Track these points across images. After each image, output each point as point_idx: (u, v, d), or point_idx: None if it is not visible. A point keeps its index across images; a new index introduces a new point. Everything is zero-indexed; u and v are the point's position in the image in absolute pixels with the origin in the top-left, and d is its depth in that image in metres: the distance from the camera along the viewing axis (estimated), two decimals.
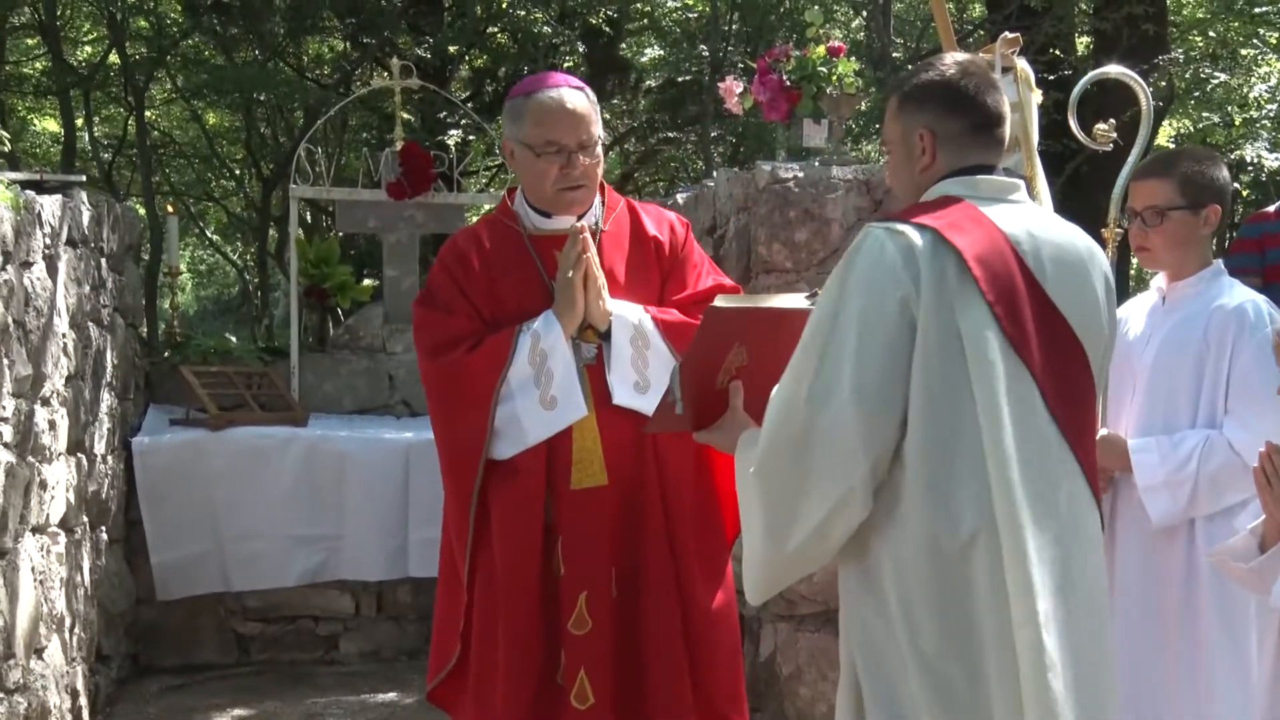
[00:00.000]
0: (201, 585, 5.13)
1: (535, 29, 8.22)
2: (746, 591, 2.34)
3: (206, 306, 18.99)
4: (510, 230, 3.13)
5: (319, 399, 5.86)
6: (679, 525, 3.05)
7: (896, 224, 2.18)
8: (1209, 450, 2.94)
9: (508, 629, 2.99)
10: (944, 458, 2.11)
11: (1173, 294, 3.13)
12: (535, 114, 3.02)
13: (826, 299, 2.17)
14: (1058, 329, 2.20)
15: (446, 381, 3.05)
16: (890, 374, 2.10)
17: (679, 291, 3.13)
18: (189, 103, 10.16)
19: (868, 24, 10.23)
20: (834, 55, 4.37)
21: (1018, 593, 2.08)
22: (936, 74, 2.30)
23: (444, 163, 6.08)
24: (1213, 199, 3.07)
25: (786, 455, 2.13)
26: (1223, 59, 9.87)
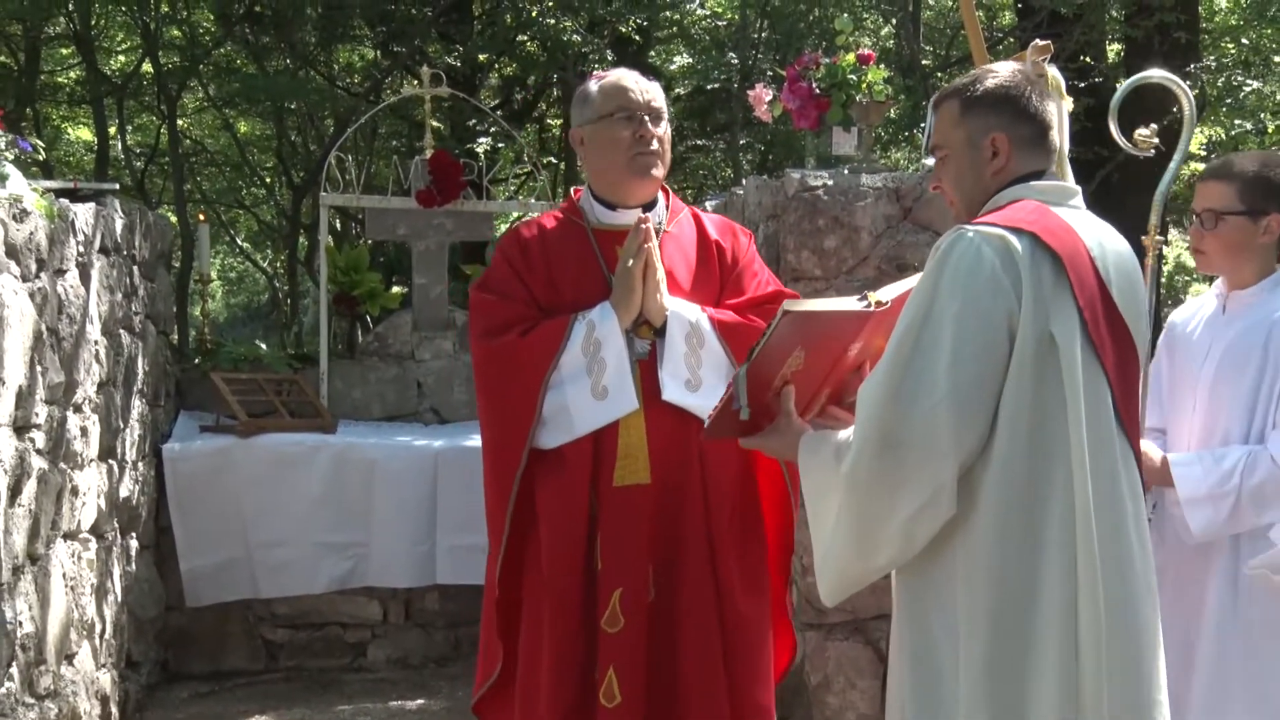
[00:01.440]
0: (230, 592, 5.14)
1: (565, 37, 8.23)
2: (821, 591, 2.34)
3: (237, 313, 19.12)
4: (574, 224, 3.14)
5: (348, 406, 5.87)
6: (720, 529, 3.02)
7: (987, 227, 2.20)
8: (1251, 465, 2.88)
9: (552, 624, 2.98)
10: (1031, 464, 2.15)
11: (1233, 302, 3.06)
12: (603, 90, 3.08)
13: (917, 301, 2.19)
14: (1121, 333, 2.26)
15: (497, 365, 3.04)
16: (985, 378, 2.13)
17: (738, 296, 3.12)
18: (221, 111, 10.24)
19: (897, 31, 10.19)
20: (863, 63, 4.35)
21: (1086, 571, 2.13)
22: (1005, 80, 2.35)
23: (473, 170, 6.08)
24: (1275, 207, 2.97)
25: (878, 453, 2.16)
26: (1255, 66, 9.78)
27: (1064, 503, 2.15)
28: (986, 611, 2.15)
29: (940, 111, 2.39)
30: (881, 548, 2.20)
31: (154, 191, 11.70)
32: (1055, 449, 2.15)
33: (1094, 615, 2.13)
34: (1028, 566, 2.15)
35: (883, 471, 2.15)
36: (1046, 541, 2.15)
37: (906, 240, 4.26)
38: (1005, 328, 2.14)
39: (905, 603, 2.30)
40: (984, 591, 2.16)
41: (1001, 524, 2.15)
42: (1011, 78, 2.35)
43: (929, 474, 2.13)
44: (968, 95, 2.35)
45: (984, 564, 2.16)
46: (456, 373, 5.96)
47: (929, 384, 2.12)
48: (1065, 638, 2.13)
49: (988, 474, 2.15)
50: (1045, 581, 2.14)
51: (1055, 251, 2.18)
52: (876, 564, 2.25)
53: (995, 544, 2.15)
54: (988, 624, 2.15)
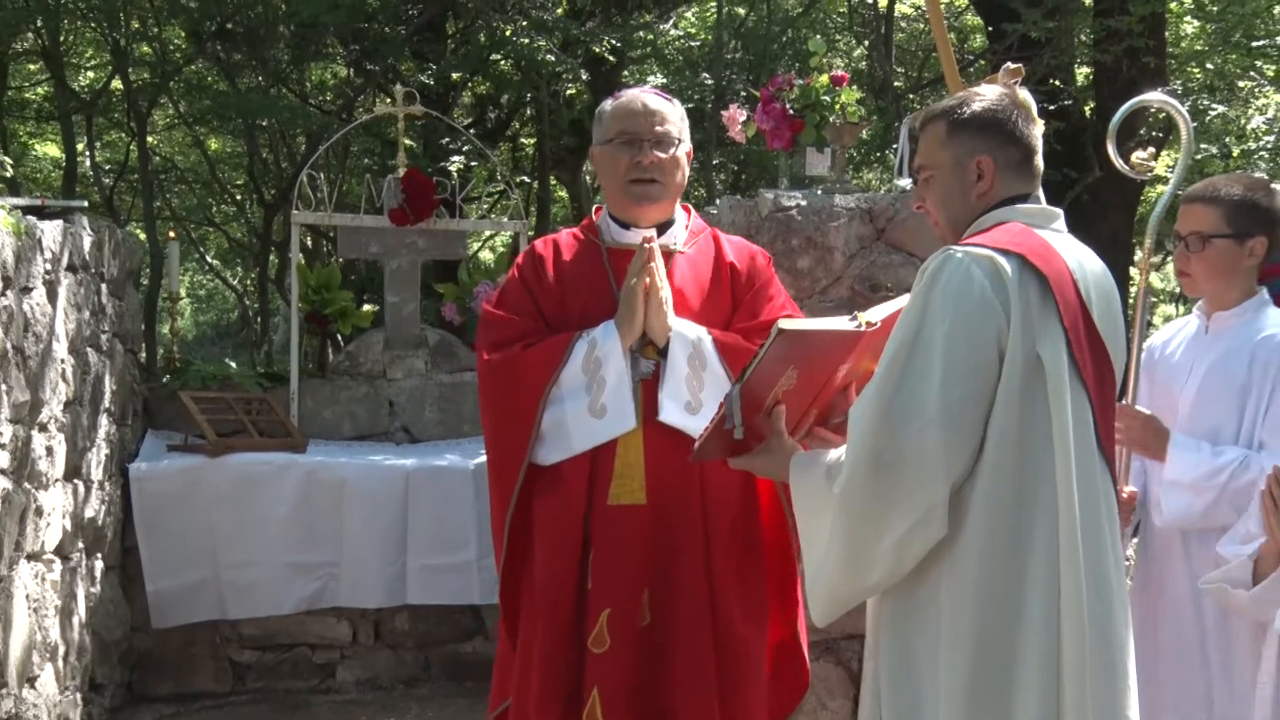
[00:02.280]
0: (197, 613, 5.08)
1: (538, 57, 8.23)
2: (812, 611, 2.34)
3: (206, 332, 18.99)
4: (589, 242, 3.15)
5: (318, 425, 5.82)
6: (719, 554, 3.00)
7: (976, 248, 2.21)
8: (1242, 468, 2.91)
9: (542, 641, 2.97)
10: (1018, 485, 2.16)
11: (1215, 323, 3.09)
12: (613, 111, 3.11)
13: (907, 321, 2.20)
14: (1100, 354, 2.28)
15: (499, 378, 3.04)
16: (975, 398, 2.14)
17: (749, 319, 3.11)
18: (191, 128, 10.19)
19: (870, 53, 10.26)
20: (837, 84, 4.37)
21: (1071, 600, 2.14)
22: (993, 104, 2.36)
23: (446, 189, 6.07)
24: (1261, 230, 3.00)
25: (870, 473, 2.16)
26: (1221, 91, 9.90)
27: (1049, 525, 2.15)
28: (970, 634, 2.15)
29: (926, 132, 2.40)
30: (873, 567, 2.20)
31: (123, 209, 11.61)
32: (1041, 470, 2.16)
33: (1078, 638, 2.13)
34: (1013, 589, 2.15)
35: (875, 491, 2.15)
36: (1031, 564, 2.15)
37: (880, 261, 4.27)
38: (995, 348, 2.15)
39: (886, 624, 2.29)
40: (968, 614, 2.15)
41: (987, 546, 2.16)
42: (998, 101, 2.37)
43: (921, 494, 2.13)
44: (955, 117, 2.36)
45: (969, 586, 2.16)
46: (428, 392, 5.93)
47: (920, 404, 2.12)
48: (1048, 660, 2.14)
49: (975, 495, 2.16)
50: (1029, 604, 2.15)
51: (1042, 273, 2.20)
52: (868, 584, 2.24)
53: (980, 566, 2.15)
54: (971, 647, 2.15)
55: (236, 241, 12.83)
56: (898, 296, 2.49)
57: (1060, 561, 2.14)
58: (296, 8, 7.98)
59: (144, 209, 8.90)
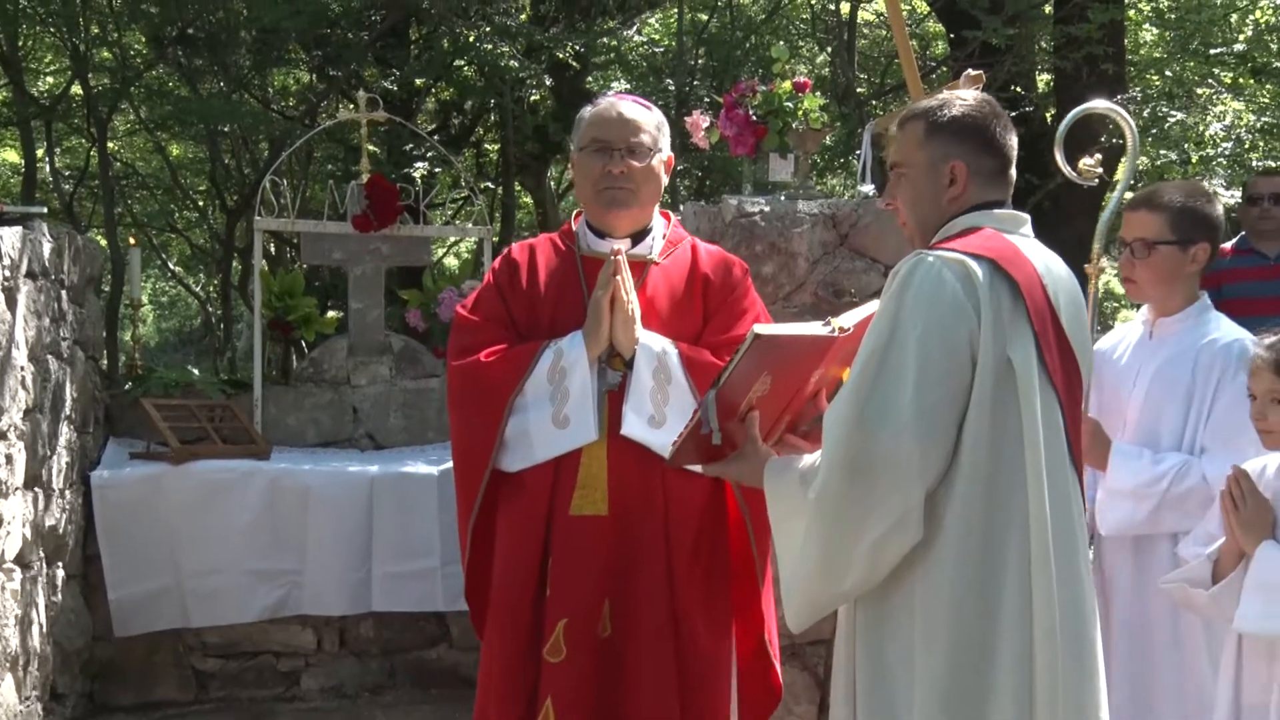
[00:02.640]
0: (160, 621, 5.05)
1: (502, 63, 8.24)
2: (788, 617, 2.34)
3: (168, 339, 18.85)
4: (565, 250, 3.15)
5: (282, 432, 5.80)
6: (681, 566, 2.99)
7: (947, 253, 2.22)
8: (1184, 473, 2.97)
9: (499, 649, 2.98)
10: (991, 490, 2.17)
11: (1160, 329, 3.14)
12: (589, 119, 3.11)
13: (880, 325, 2.20)
14: (1069, 359, 2.30)
15: (466, 383, 3.04)
16: (949, 401, 2.15)
17: (721, 333, 3.09)
18: (152, 134, 10.11)
19: (832, 60, 10.33)
20: (799, 90, 4.40)
21: (1044, 604, 2.15)
22: (972, 110, 2.36)
23: (410, 195, 6.06)
24: (1203, 237, 3.07)
25: (845, 478, 2.16)
26: (1179, 98, 10.03)
27: (1021, 529, 2.17)
28: (946, 638, 2.16)
29: (905, 130, 2.41)
30: (848, 572, 2.20)
31: (83, 215, 11.51)
32: (1013, 474, 2.17)
33: (1050, 640, 2.15)
34: (987, 593, 2.16)
35: (850, 496, 2.15)
36: (1005, 568, 2.16)
37: (843, 266, 4.31)
38: (968, 351, 2.16)
39: (859, 630, 2.29)
40: (943, 618, 2.16)
41: (962, 550, 2.16)
42: (979, 108, 2.37)
43: (896, 498, 2.13)
44: (933, 119, 2.36)
45: (944, 590, 2.17)
46: (393, 398, 5.92)
47: (895, 408, 2.13)
48: (1021, 664, 2.15)
49: (948, 499, 2.17)
50: (1004, 608, 2.16)
51: (1013, 277, 2.21)
52: (843, 589, 2.24)
53: (955, 570, 2.16)
54: (946, 651, 2.16)
55: (199, 248, 12.73)
56: (869, 302, 2.49)
57: (1032, 565, 2.16)
58: (258, 13, 7.95)
59: (105, 215, 8.84)
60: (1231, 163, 9.92)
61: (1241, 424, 2.87)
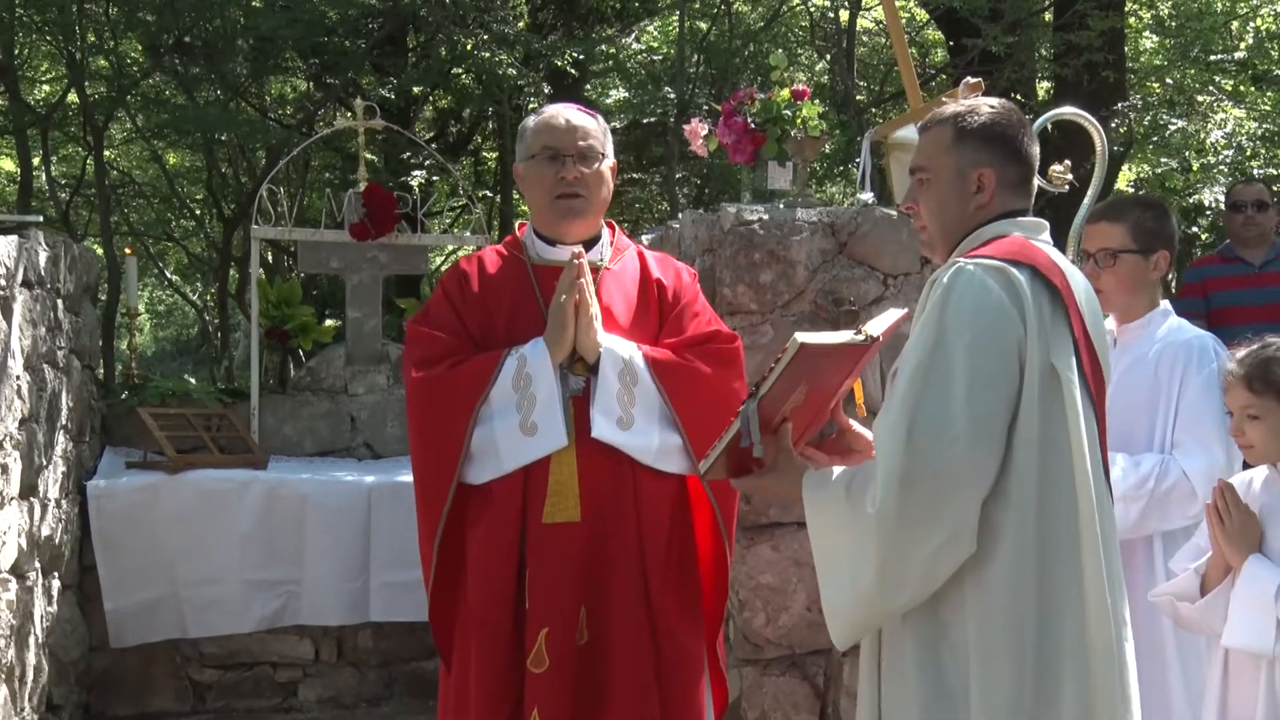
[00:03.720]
0: (157, 632, 5.05)
1: (500, 71, 8.26)
2: (834, 634, 2.30)
3: (165, 348, 18.86)
4: (515, 259, 3.16)
5: (279, 441, 5.81)
6: (655, 569, 3.01)
7: (989, 260, 2.22)
8: (1164, 472, 3.07)
9: (479, 662, 2.96)
10: (1041, 499, 2.17)
11: (1123, 336, 3.27)
12: (536, 127, 3.13)
13: (925, 336, 2.19)
14: (1095, 365, 2.31)
15: (426, 397, 3.04)
16: (1000, 408, 2.14)
17: (677, 335, 3.13)
18: (149, 142, 10.13)
19: (831, 67, 10.35)
20: (798, 98, 4.41)
21: (1097, 630, 2.16)
22: (1001, 118, 2.36)
23: (407, 204, 6.08)
24: (1162, 246, 3.23)
25: (901, 491, 2.13)
26: (1180, 105, 10.06)
27: (1071, 538, 2.17)
28: (1006, 652, 2.14)
29: (930, 134, 2.39)
30: (904, 586, 2.17)
31: (79, 224, 11.51)
32: (1061, 483, 2.18)
33: (1107, 658, 2.16)
34: (1044, 604, 2.16)
35: (906, 509, 2.13)
36: (1058, 578, 2.16)
37: (842, 274, 4.32)
38: (1016, 357, 2.16)
39: (912, 645, 2.24)
40: (1001, 632, 2.14)
41: (1018, 563, 2.15)
42: (1007, 116, 2.37)
43: (951, 510, 2.12)
44: (962, 125, 2.35)
45: (1000, 603, 2.15)
46: (390, 407, 5.93)
47: (947, 417, 2.12)
48: (1080, 674, 2.16)
49: (1002, 510, 2.15)
50: (1062, 619, 2.16)
51: (1053, 284, 2.22)
52: (898, 603, 2.21)
53: (1012, 585, 2.15)
54: (1008, 665, 2.14)
55: (196, 257, 12.74)
56: (891, 309, 2.48)
57: (1085, 577, 2.16)
58: (255, 21, 7.98)
59: (101, 224, 8.85)
60: (1233, 170, 9.95)
61: (1209, 415, 3.00)
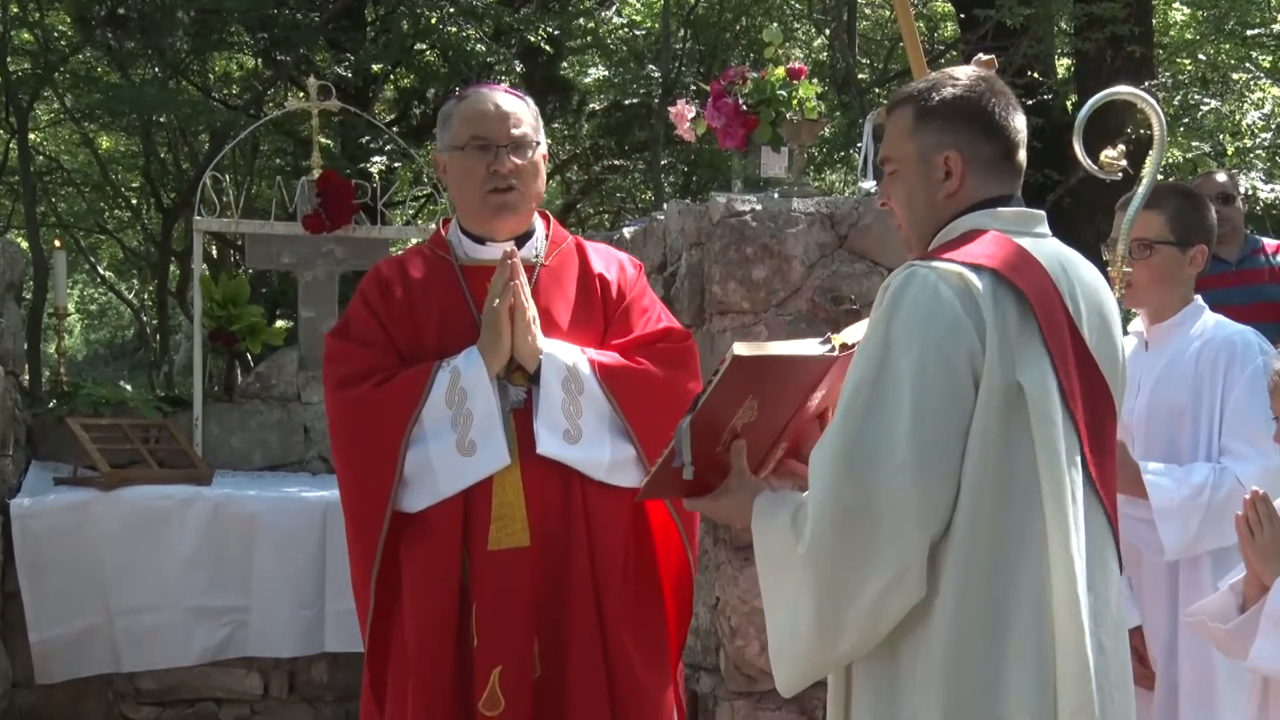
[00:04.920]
0: (88, 666, 5.04)
1: (467, 47, 8.28)
2: (778, 679, 2.26)
3: (98, 351, 18.81)
4: (441, 260, 3.12)
5: (225, 454, 5.80)
6: (611, 594, 2.99)
7: (943, 264, 2.13)
8: (1219, 481, 3.07)
9: (417, 709, 2.94)
10: (996, 542, 2.08)
11: (1156, 336, 3.28)
12: (462, 113, 3.09)
13: (868, 349, 2.12)
14: (1093, 378, 2.22)
15: (351, 419, 3.00)
16: (950, 437, 2.06)
17: (624, 335, 3.11)
18: (79, 125, 10.12)
19: (831, 43, 10.39)
20: (794, 77, 4.43)
21: (1074, 681, 2.06)
22: (965, 90, 2.26)
23: (366, 193, 6.08)
24: (1201, 239, 3.26)
25: (836, 527, 2.07)
26: (1213, 84, 10.12)
27: (1035, 592, 2.07)
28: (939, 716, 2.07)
29: (892, 118, 2.31)
30: (845, 633, 2.11)
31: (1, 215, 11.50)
32: (1026, 524, 2.08)
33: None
34: (987, 666, 2.07)
35: (841, 549, 2.07)
36: (1011, 636, 2.07)
37: (842, 270, 4.34)
38: (970, 376, 2.07)
39: (862, 699, 2.21)
40: (937, 697, 2.07)
41: (957, 615, 2.07)
42: (973, 86, 2.26)
43: (894, 550, 2.04)
44: (922, 104, 2.26)
45: (938, 663, 2.08)
46: None
47: (889, 446, 2.04)
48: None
49: (945, 553, 2.07)
50: (1008, 687, 2.06)
51: (1020, 290, 2.12)
52: (838, 653, 2.15)
53: (951, 638, 2.07)
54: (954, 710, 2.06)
55: (132, 251, 12.73)
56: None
57: (1055, 635, 2.06)
58: None
59: (25, 215, 8.84)
60: (1271, 154, 10.01)
61: (1259, 415, 2.95)
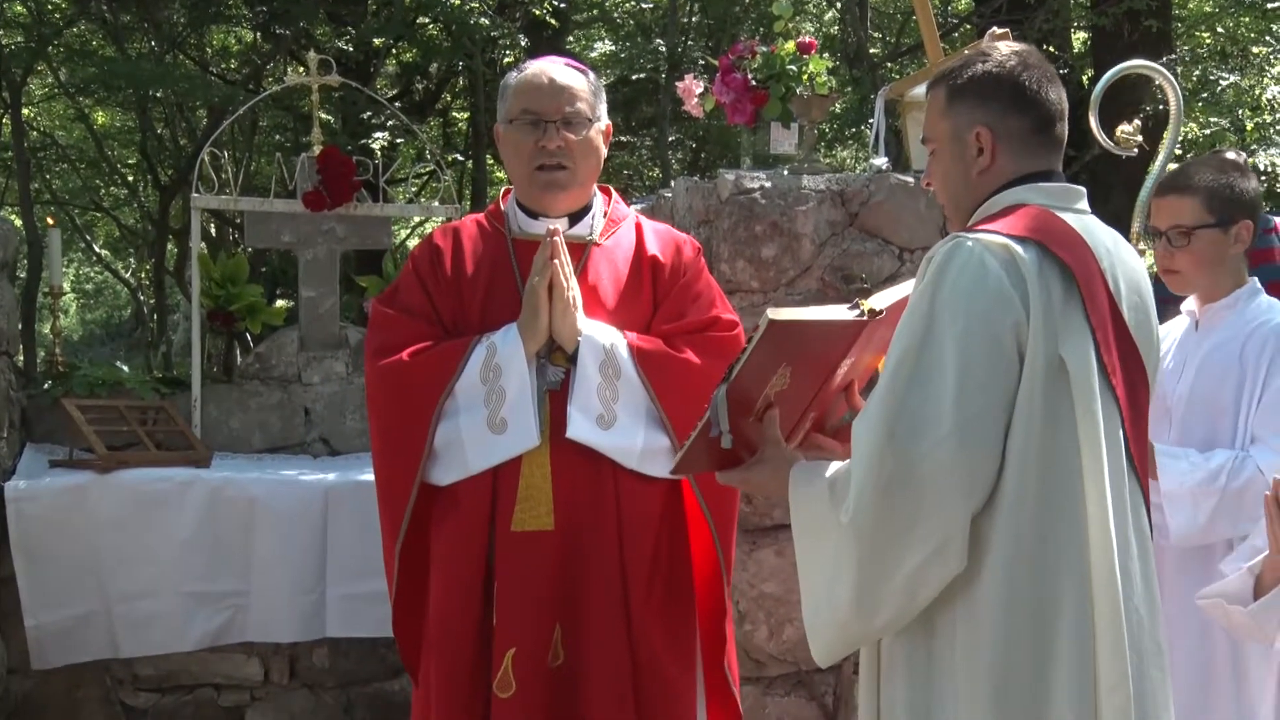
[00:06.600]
0: (85, 651, 5.04)
1: (471, 20, 8.24)
2: (814, 652, 2.29)
3: (94, 331, 18.85)
4: (495, 232, 3.13)
5: (224, 436, 5.80)
6: (638, 585, 2.99)
7: (989, 235, 2.16)
8: (1238, 468, 3.00)
9: (439, 685, 2.97)
10: (1041, 514, 2.11)
11: (1206, 317, 3.18)
12: (517, 86, 3.08)
13: (913, 321, 2.14)
14: (1131, 355, 2.25)
15: (387, 387, 3.02)
16: (995, 408, 2.09)
17: (672, 320, 3.09)
18: (74, 100, 10.10)
19: (842, 17, 10.35)
20: (804, 52, 4.41)
21: (1110, 654, 2.10)
22: (995, 65, 2.29)
23: (368, 169, 6.06)
24: (1244, 214, 3.10)
25: (878, 499, 2.09)
26: (1232, 58, 10.07)
27: (1078, 563, 2.11)
28: (988, 692, 2.10)
29: (930, 98, 2.36)
30: (883, 605, 2.14)
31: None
32: (1068, 496, 2.12)
33: (1117, 694, 2.09)
34: (1037, 637, 2.11)
35: (884, 519, 2.09)
36: (1059, 607, 2.11)
37: (853, 249, 4.33)
38: (1015, 349, 2.10)
39: (902, 672, 2.23)
40: (986, 671, 2.10)
41: (1008, 587, 2.10)
42: (1005, 60, 2.29)
43: (936, 521, 2.07)
44: (953, 82, 2.31)
45: (987, 635, 2.11)
46: (349, 398, 5.92)
47: (933, 417, 2.07)
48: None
49: (991, 524, 2.11)
50: (1057, 656, 2.10)
51: (1065, 263, 2.16)
52: (876, 624, 2.18)
53: (1001, 611, 2.10)
54: (989, 709, 2.10)
55: (129, 229, 12.73)
56: (904, 282, 2.42)
57: (1094, 605, 2.10)
58: None
59: (19, 192, 8.83)
60: None
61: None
